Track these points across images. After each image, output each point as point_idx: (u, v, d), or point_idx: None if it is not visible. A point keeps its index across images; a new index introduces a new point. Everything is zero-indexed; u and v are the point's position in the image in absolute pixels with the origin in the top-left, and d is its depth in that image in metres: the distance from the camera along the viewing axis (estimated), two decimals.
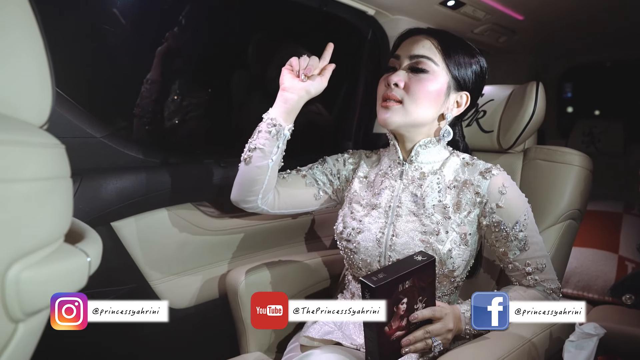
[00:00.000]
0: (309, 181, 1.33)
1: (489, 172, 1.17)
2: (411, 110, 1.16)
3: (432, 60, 1.16)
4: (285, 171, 1.33)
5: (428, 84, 1.15)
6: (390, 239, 1.16)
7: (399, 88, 1.16)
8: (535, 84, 1.40)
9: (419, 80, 1.15)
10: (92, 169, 1.27)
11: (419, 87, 1.15)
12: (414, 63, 1.17)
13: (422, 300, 1.00)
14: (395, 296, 0.95)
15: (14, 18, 0.48)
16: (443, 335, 1.04)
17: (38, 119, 0.51)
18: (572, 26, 2.23)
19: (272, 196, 1.27)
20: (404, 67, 1.18)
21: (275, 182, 1.25)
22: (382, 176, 1.26)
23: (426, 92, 1.15)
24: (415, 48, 1.18)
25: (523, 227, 1.15)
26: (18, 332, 0.45)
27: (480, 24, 2.01)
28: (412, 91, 1.15)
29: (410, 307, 0.99)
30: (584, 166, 1.40)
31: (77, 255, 0.50)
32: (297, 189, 1.32)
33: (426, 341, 1.03)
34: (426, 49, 1.17)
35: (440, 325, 1.04)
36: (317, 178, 1.34)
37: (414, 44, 1.19)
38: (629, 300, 1.99)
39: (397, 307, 0.96)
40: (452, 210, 1.16)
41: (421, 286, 0.99)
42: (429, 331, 1.03)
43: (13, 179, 0.41)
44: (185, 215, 1.48)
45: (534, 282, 1.20)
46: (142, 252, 1.40)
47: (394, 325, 0.97)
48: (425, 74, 1.16)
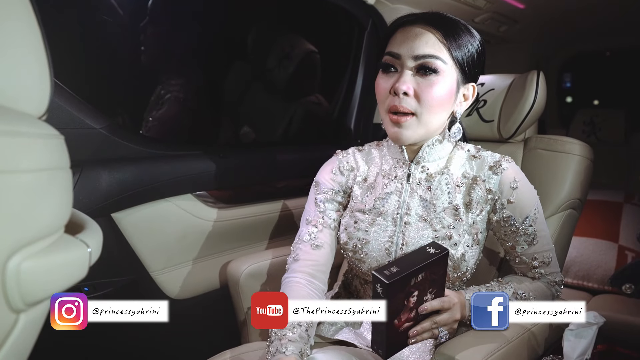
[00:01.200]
0: (332, 225, 1.22)
1: (499, 167, 1.11)
2: (427, 121, 1.06)
3: (441, 59, 1.03)
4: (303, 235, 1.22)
5: (440, 87, 1.04)
6: (400, 248, 1.10)
7: (408, 97, 1.04)
8: (536, 73, 1.39)
9: (429, 84, 1.03)
10: (91, 160, 1.27)
11: (432, 94, 1.03)
12: (422, 64, 1.03)
13: (432, 292, 0.99)
14: (408, 290, 0.94)
15: (11, 7, 0.47)
16: (450, 325, 1.03)
17: (37, 109, 0.51)
18: (573, 15, 2.22)
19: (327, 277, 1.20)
20: (409, 69, 1.05)
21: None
22: (385, 177, 1.18)
23: (440, 97, 1.04)
24: (419, 46, 1.04)
25: (533, 222, 1.12)
26: (19, 323, 0.45)
27: (481, 12, 2.00)
28: (425, 100, 1.03)
29: (420, 299, 0.98)
30: (584, 155, 1.40)
31: (77, 246, 0.50)
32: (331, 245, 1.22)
33: (433, 331, 1.01)
34: (431, 45, 1.04)
35: (447, 315, 1.02)
36: (331, 215, 1.22)
37: (415, 39, 1.04)
38: (628, 289, 2.00)
39: (407, 300, 0.95)
40: (464, 210, 1.11)
41: (432, 278, 0.98)
42: (436, 322, 1.01)
43: (12, 169, 0.41)
44: (185, 206, 1.48)
45: (539, 275, 1.19)
46: (142, 243, 1.40)
47: (403, 318, 0.96)
48: (435, 75, 1.03)
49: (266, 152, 1.77)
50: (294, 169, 1.81)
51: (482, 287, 1.13)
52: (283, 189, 1.85)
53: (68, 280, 0.49)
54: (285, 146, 2.00)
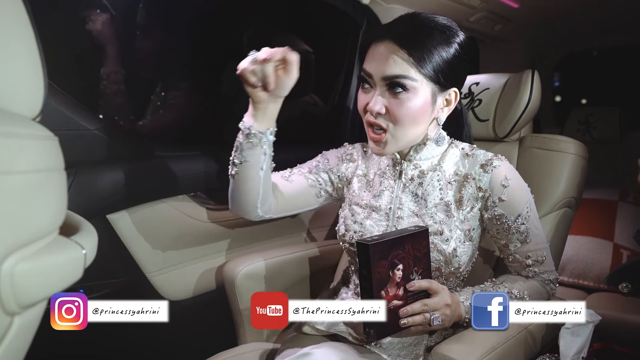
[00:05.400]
0: (311, 182, 1.29)
1: (490, 165, 1.12)
2: (400, 136, 1.10)
3: (409, 77, 1.04)
4: (286, 170, 1.30)
5: (411, 103, 1.06)
6: None
7: (382, 115, 1.08)
8: (531, 73, 1.40)
9: (400, 103, 1.06)
10: (86, 161, 1.27)
11: (402, 111, 1.06)
12: (390, 84, 1.06)
13: (417, 271, 1.02)
14: (391, 259, 0.97)
15: (3, 7, 0.47)
16: (441, 309, 1.02)
17: (30, 111, 0.50)
18: (568, 14, 2.22)
19: (271, 201, 1.23)
20: (381, 87, 1.08)
21: (271, 188, 1.22)
22: (380, 176, 1.22)
23: (412, 113, 1.06)
24: (387, 67, 1.05)
25: (525, 220, 1.13)
26: (14, 325, 0.45)
27: (476, 12, 2.01)
28: (396, 117, 1.06)
29: (406, 276, 1.00)
30: (579, 154, 1.40)
31: (72, 248, 0.50)
32: (298, 191, 1.28)
33: (424, 315, 1.00)
34: (399, 65, 1.04)
35: (437, 298, 1.02)
36: (320, 177, 1.30)
37: (382, 60, 1.06)
38: (625, 288, 2.00)
39: (392, 273, 0.98)
40: (455, 207, 1.13)
41: (416, 255, 1.01)
42: (426, 304, 1.01)
43: (6, 171, 0.41)
44: (181, 207, 1.47)
45: (533, 274, 1.19)
46: (138, 244, 1.39)
47: (391, 292, 0.98)
48: (406, 93, 1.05)
49: None
50: None
51: (477, 288, 1.14)
52: None
53: (63, 282, 0.49)
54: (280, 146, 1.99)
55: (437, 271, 1.12)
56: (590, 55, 3.34)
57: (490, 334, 1.03)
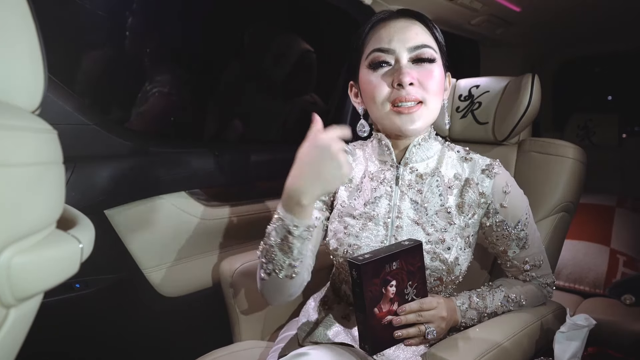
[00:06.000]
0: (317, 223, 1.17)
1: (492, 170, 1.11)
2: (432, 108, 1.06)
3: (432, 48, 1.06)
4: None
5: (437, 74, 1.05)
6: None
7: (414, 87, 1.03)
8: (531, 76, 1.40)
9: (429, 72, 1.04)
10: (85, 156, 1.27)
11: (433, 81, 1.04)
12: (418, 55, 1.04)
13: (412, 285, 1.00)
14: (383, 276, 0.95)
15: (5, 0, 0.47)
16: (436, 322, 1.01)
17: (29, 103, 0.50)
18: (570, 18, 2.22)
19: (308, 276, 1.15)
20: (407, 61, 1.05)
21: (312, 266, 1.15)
22: (373, 180, 1.15)
23: (439, 83, 1.06)
24: (412, 37, 1.05)
25: (524, 226, 1.12)
26: (9, 318, 0.44)
27: (477, 15, 2.01)
28: (429, 87, 1.04)
29: (400, 291, 0.98)
30: (577, 159, 1.41)
31: (69, 242, 0.50)
32: (317, 240, 1.19)
33: (419, 327, 0.99)
34: (422, 35, 1.06)
35: (433, 311, 1.01)
36: (315, 213, 1.18)
37: (406, 32, 1.05)
38: (627, 300, 2.00)
39: (385, 289, 0.96)
40: (456, 213, 1.10)
41: (410, 270, 0.98)
42: (421, 314, 0.99)
43: (4, 163, 0.41)
44: (178, 204, 1.47)
45: (530, 278, 1.19)
46: (135, 240, 1.39)
47: (385, 308, 0.97)
48: (431, 64, 1.05)
49: (261, 151, 1.77)
50: (288, 168, 1.80)
51: (473, 292, 1.13)
52: (277, 188, 1.85)
53: (59, 276, 0.48)
54: (280, 145, 2.00)
55: (437, 280, 1.09)
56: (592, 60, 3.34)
57: (485, 338, 1.03)
